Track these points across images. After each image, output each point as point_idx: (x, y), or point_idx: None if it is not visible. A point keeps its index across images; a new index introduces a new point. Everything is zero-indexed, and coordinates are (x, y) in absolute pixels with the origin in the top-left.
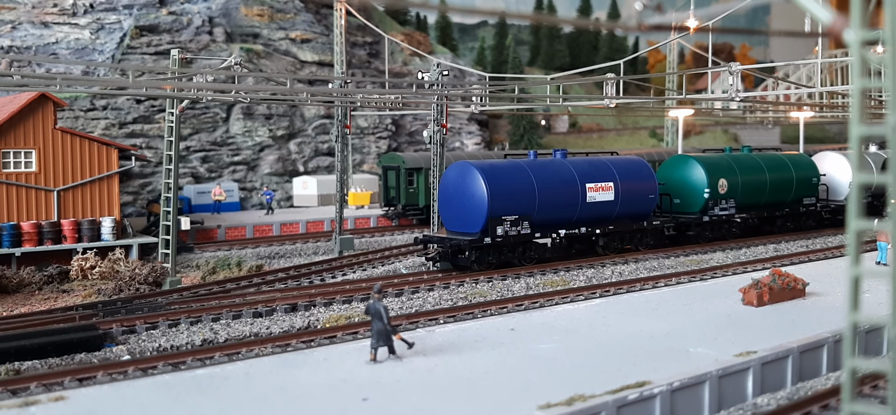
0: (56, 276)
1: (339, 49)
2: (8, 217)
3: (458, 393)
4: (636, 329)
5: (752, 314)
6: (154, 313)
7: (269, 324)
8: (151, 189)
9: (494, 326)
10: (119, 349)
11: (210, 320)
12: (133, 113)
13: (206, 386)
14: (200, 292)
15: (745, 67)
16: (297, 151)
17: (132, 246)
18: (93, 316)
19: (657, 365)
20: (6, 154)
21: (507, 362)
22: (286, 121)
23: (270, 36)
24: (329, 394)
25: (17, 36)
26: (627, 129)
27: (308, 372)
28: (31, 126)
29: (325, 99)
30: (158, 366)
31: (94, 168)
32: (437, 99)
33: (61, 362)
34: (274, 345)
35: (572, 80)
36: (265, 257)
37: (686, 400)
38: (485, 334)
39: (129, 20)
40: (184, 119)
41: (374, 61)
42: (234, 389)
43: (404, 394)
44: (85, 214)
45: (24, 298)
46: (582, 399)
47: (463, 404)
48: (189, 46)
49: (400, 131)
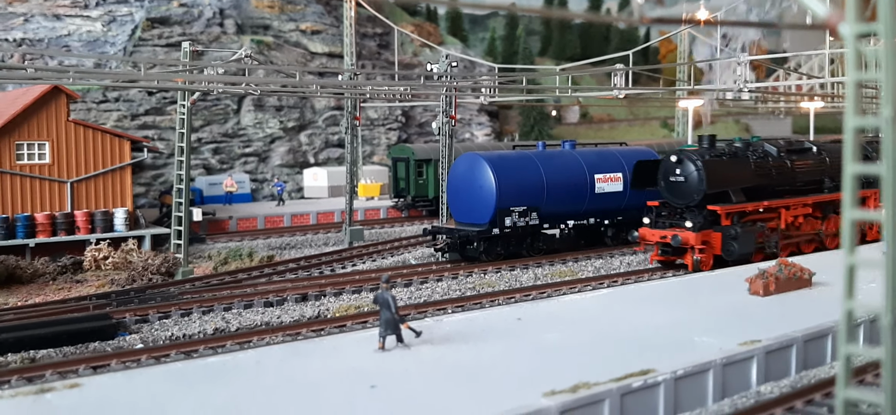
0: (69, 266)
1: (349, 40)
2: (22, 208)
3: (464, 381)
4: (643, 320)
5: (758, 304)
6: (166, 303)
7: (280, 313)
8: (163, 180)
9: (502, 315)
10: (132, 338)
11: (222, 309)
12: (145, 105)
13: (218, 374)
14: (212, 283)
15: (754, 58)
16: (307, 142)
17: (145, 237)
18: (106, 306)
19: (662, 354)
20: (20, 146)
21: (514, 351)
22: (297, 113)
23: (281, 27)
24: (338, 382)
25: (29, 28)
26: (638, 119)
27: (318, 360)
28: (44, 118)
29: (335, 91)
30: (171, 354)
31: (107, 160)
32: (446, 90)
33: (76, 350)
34: (284, 334)
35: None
36: (276, 248)
37: (690, 388)
38: (492, 324)
39: (140, 12)
40: (195, 111)
41: (385, 52)
42: (244, 377)
43: (412, 382)
44: (98, 206)
45: (38, 288)
46: (586, 387)
47: (469, 392)
48: (200, 38)
49: (410, 123)
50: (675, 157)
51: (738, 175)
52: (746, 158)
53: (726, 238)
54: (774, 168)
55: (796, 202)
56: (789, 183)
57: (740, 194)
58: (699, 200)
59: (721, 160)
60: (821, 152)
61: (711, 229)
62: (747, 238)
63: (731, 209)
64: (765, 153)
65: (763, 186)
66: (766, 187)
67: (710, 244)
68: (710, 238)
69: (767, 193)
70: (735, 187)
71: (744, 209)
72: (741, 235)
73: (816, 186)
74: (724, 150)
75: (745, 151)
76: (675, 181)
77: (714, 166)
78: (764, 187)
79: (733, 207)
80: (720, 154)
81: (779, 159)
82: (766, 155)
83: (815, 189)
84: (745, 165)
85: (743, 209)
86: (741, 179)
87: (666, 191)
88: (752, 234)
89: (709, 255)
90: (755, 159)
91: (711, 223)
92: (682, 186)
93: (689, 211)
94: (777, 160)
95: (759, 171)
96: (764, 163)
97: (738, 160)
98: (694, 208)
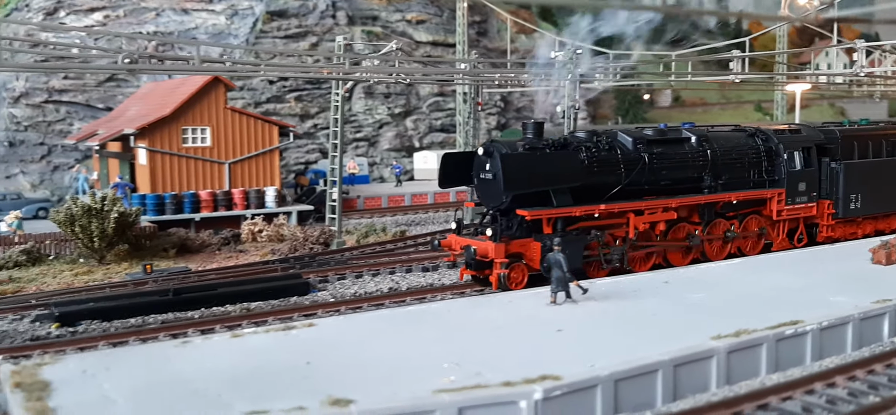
0: (230, 238)
1: (462, 30)
2: (187, 186)
3: (634, 328)
4: (777, 283)
5: (882, 271)
6: (340, 266)
7: (438, 277)
8: (284, 164)
9: (647, 279)
10: (323, 294)
11: (387, 272)
12: (267, 93)
13: (417, 318)
14: (366, 251)
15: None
16: (412, 127)
17: (291, 213)
18: (289, 269)
19: (800, 311)
20: (185, 131)
21: (668, 306)
22: (403, 99)
23: (388, 18)
24: (525, 325)
25: (160, 22)
26: (731, 103)
27: (497, 311)
28: (205, 106)
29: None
30: (363, 307)
31: (259, 143)
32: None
33: (280, 302)
34: (451, 292)
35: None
36: (403, 224)
37: (831, 338)
38: (640, 287)
39: (260, 6)
40: (311, 99)
41: (483, 39)
42: (440, 320)
43: (590, 328)
44: (251, 184)
45: (207, 256)
46: (747, 332)
47: (642, 336)
48: (315, 29)
49: (508, 107)
50: (482, 149)
51: (558, 173)
52: (575, 153)
53: (544, 250)
54: (624, 164)
55: (655, 205)
56: (650, 182)
57: (566, 196)
58: (508, 203)
59: (529, 155)
60: (703, 144)
61: (532, 239)
62: (571, 250)
63: (551, 214)
64: (612, 146)
65: (604, 185)
66: (606, 186)
67: (528, 257)
68: (528, 249)
69: (621, 194)
70: (558, 187)
71: (569, 214)
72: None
73: (693, 186)
74: (548, 142)
75: (585, 144)
76: (485, 179)
77: (517, 162)
78: (604, 187)
79: (553, 212)
80: (536, 147)
81: (632, 153)
82: (614, 148)
83: (691, 189)
84: (572, 161)
85: (568, 214)
86: (563, 177)
87: (479, 190)
88: (578, 244)
89: (521, 271)
90: (591, 154)
91: (529, 231)
92: (490, 185)
93: (502, 216)
94: (630, 155)
95: (595, 167)
96: (607, 158)
97: (560, 155)
98: (504, 213)
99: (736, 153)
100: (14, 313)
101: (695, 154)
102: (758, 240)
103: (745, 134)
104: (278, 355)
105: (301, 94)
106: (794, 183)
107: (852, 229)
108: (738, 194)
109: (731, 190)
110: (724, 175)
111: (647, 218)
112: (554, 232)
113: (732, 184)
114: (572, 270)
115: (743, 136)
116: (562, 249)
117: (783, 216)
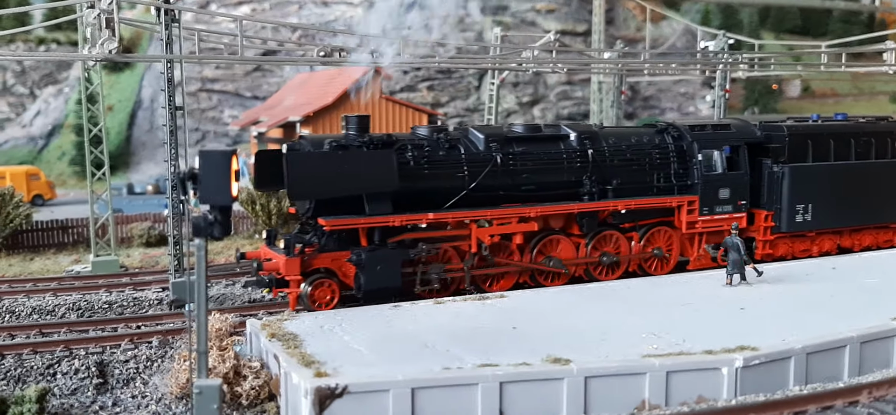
0: None
1: (598, 19)
2: None
3: (812, 307)
4: None
5: None
6: None
7: None
8: None
9: (816, 265)
10: None
11: None
12: (401, 83)
13: (604, 294)
14: None
15: None
16: (540, 116)
17: None
18: None
19: None
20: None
21: (841, 289)
22: (531, 88)
23: (517, 8)
24: (709, 303)
25: (303, 15)
26: (864, 94)
27: (675, 290)
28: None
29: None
30: None
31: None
32: (722, 66)
33: None
34: None
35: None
36: None
37: None
38: (809, 272)
39: None
40: (441, 88)
41: (609, 28)
42: (623, 296)
43: (771, 307)
44: None
45: None
46: None
47: (822, 314)
48: (448, 20)
49: (635, 97)
50: (286, 147)
51: (365, 176)
52: (394, 153)
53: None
54: (469, 166)
55: (507, 214)
56: (507, 187)
57: (383, 203)
58: (313, 210)
59: (323, 155)
60: (584, 143)
61: (350, 252)
62: (382, 266)
63: (358, 223)
64: (454, 145)
65: (443, 190)
66: (446, 192)
67: (342, 272)
68: (342, 265)
69: (469, 201)
70: (372, 192)
71: (385, 223)
72: (368, 261)
73: (569, 192)
74: (368, 140)
75: (415, 143)
76: None
77: (305, 164)
78: (444, 193)
79: (361, 222)
80: (345, 146)
81: (481, 154)
82: (456, 148)
83: (567, 195)
84: (383, 162)
85: (384, 224)
86: (373, 181)
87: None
88: (392, 260)
89: (326, 290)
90: (420, 154)
91: (347, 244)
92: None
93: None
94: (477, 155)
95: (424, 170)
96: (444, 159)
97: (367, 156)
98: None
99: (632, 153)
100: (227, 279)
101: (571, 154)
102: (656, 258)
103: (653, 130)
104: (485, 320)
105: (433, 83)
106: (712, 189)
107: (804, 246)
108: (629, 202)
109: (625, 196)
110: (614, 179)
111: (496, 229)
112: (369, 244)
113: (628, 190)
114: (388, 288)
115: (648, 133)
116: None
117: (697, 229)
